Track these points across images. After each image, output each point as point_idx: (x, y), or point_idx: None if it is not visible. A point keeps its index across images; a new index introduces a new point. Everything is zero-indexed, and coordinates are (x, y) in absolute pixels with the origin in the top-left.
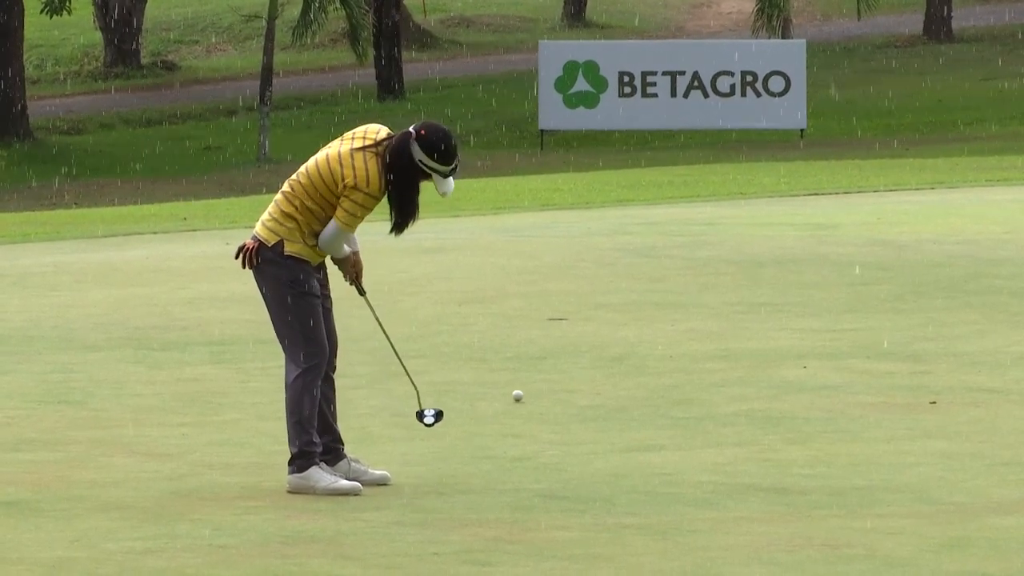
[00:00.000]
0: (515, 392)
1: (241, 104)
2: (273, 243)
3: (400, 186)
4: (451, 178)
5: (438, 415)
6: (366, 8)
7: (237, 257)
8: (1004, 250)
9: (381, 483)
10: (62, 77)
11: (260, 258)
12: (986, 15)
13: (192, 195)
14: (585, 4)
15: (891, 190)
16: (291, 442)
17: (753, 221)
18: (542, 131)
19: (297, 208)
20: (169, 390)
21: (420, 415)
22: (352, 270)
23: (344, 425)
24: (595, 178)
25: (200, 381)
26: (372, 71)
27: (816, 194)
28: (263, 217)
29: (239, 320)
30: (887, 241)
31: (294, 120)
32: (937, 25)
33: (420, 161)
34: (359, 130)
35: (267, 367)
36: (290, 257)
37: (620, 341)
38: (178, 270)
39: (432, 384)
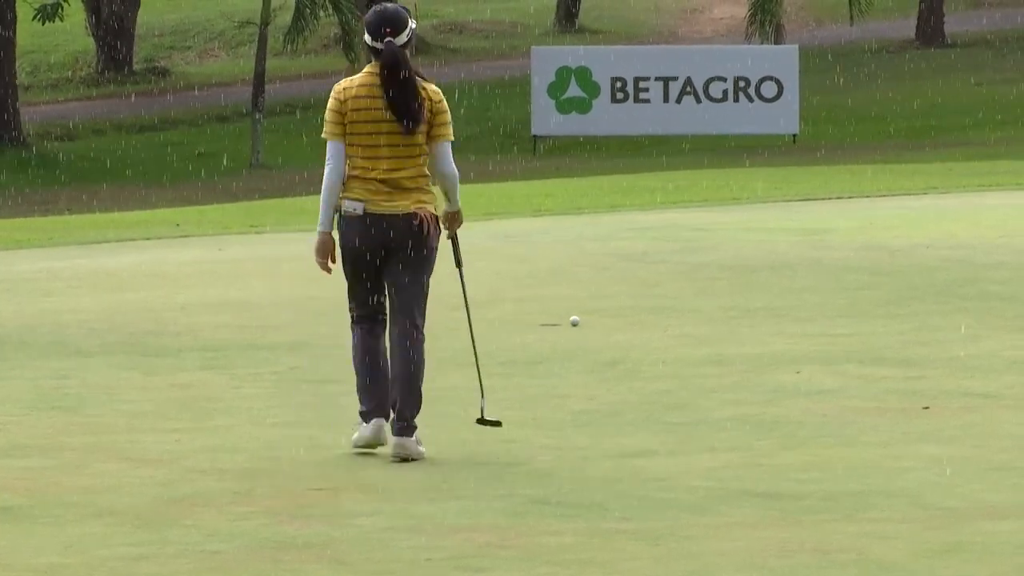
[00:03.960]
0: (572, 318)
1: (234, 110)
2: (434, 212)
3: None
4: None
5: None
6: (358, 13)
7: (414, 224)
8: (997, 255)
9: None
10: (55, 83)
11: (432, 226)
12: (978, 20)
13: (185, 201)
14: (578, 10)
15: (884, 195)
16: (415, 406)
17: (746, 226)
18: (535, 137)
19: (426, 173)
20: (162, 396)
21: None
22: (456, 222)
23: (338, 431)
24: (588, 183)
25: (193, 387)
26: None
27: (809, 199)
28: (414, 196)
29: (232, 326)
30: (880, 246)
31: (287, 126)
32: (929, 30)
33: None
34: (353, 93)
35: (259, 373)
36: (439, 219)
37: (614, 346)
38: (171, 276)
39: (426, 389)
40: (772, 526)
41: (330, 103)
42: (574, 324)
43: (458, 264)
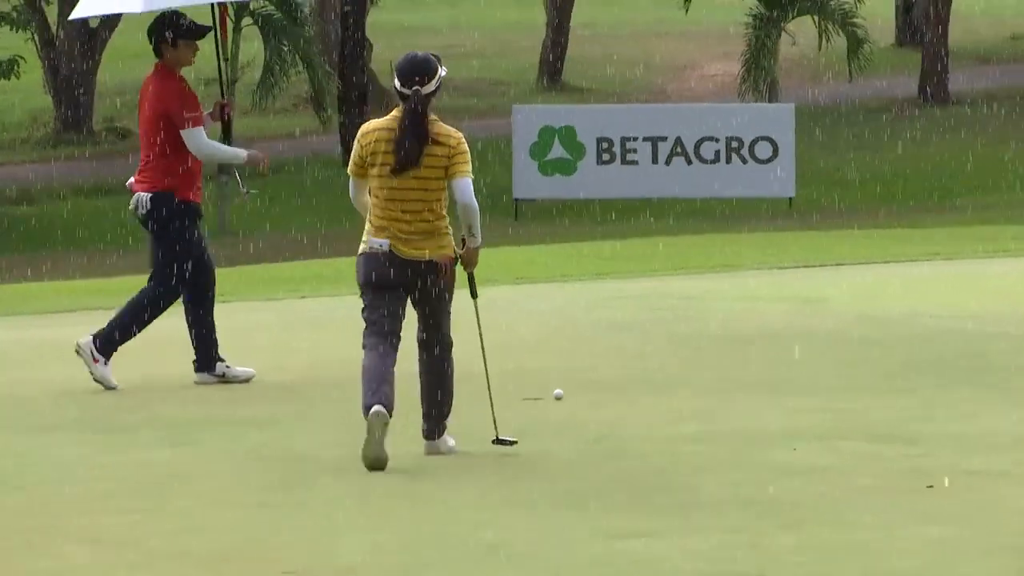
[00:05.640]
0: (556, 391)
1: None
2: (452, 256)
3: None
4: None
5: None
6: (329, 71)
7: (437, 274)
8: (1001, 325)
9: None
10: (11, 144)
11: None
12: (984, 77)
13: (147, 268)
14: (562, 67)
15: (884, 262)
16: (446, 406)
17: (739, 295)
18: (516, 200)
19: (443, 216)
20: (121, 474)
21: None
22: (473, 262)
23: (307, 512)
24: (572, 250)
25: (155, 465)
26: (336, 137)
27: (805, 266)
28: (434, 241)
29: (196, 400)
30: (879, 316)
31: (256, 188)
32: (933, 88)
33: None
34: (373, 137)
35: (225, 450)
36: (456, 260)
37: (600, 421)
38: (132, 348)
39: (405, 468)
40: None
41: (355, 143)
42: (557, 398)
43: (473, 296)
